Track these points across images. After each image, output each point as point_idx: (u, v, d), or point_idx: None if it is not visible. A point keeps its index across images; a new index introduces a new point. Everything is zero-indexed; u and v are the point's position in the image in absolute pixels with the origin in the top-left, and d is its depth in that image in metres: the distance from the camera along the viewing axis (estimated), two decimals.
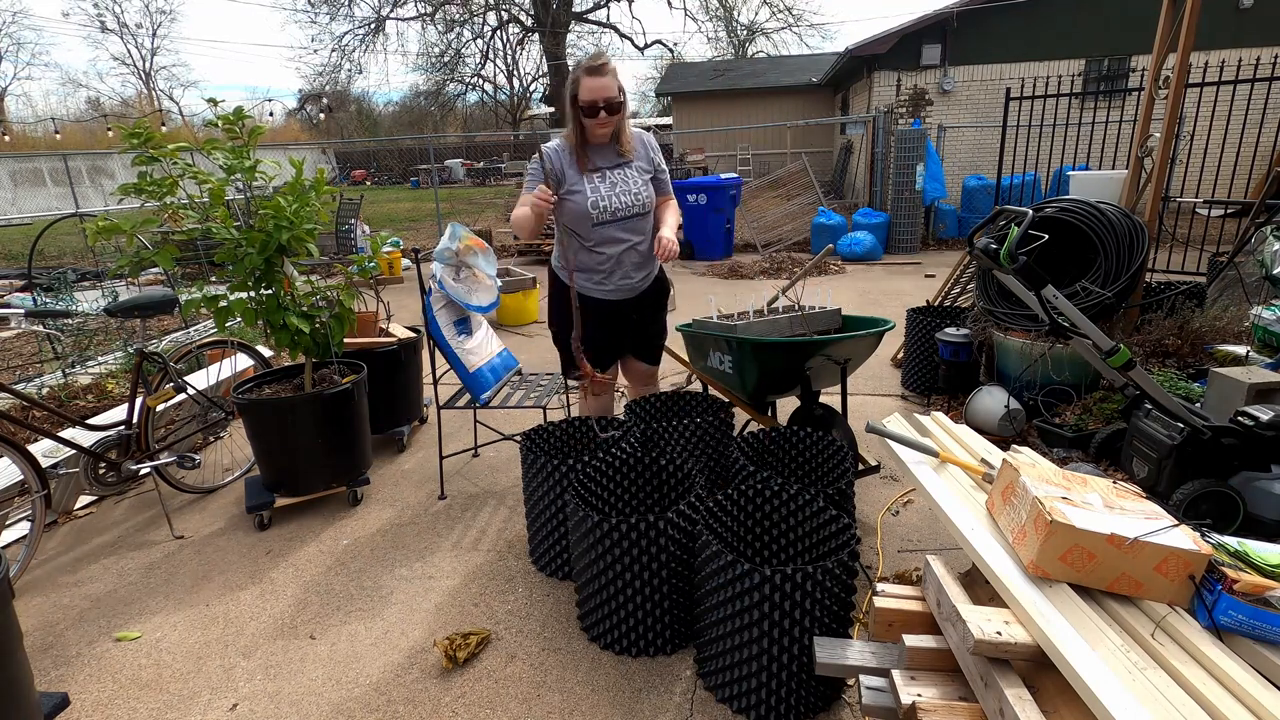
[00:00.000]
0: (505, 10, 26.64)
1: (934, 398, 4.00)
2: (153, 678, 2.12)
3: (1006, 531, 1.63)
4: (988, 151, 10.88)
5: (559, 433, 2.73)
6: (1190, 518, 2.25)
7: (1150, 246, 3.45)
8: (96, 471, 2.93)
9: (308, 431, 2.90)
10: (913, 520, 2.78)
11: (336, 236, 9.46)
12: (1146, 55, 4.77)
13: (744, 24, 27.97)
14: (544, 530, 2.47)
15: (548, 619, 2.29)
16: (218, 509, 3.18)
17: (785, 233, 9.73)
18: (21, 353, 5.79)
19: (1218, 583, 1.37)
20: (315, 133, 30.91)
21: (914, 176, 8.70)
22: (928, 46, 11.51)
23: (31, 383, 4.21)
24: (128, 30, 36.69)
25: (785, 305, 3.31)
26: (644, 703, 1.91)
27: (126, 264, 2.83)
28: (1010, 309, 3.36)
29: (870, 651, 1.68)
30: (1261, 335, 3.22)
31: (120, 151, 2.85)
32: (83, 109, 36.55)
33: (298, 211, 2.83)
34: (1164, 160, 3.57)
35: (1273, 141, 7.16)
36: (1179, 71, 3.44)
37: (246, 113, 2.86)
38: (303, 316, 2.94)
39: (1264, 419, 2.31)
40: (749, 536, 2.19)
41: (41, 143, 24.58)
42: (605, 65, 2.38)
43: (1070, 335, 2.48)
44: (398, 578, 2.56)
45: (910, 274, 7.79)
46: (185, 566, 2.71)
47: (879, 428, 2.23)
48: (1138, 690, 1.21)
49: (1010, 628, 1.40)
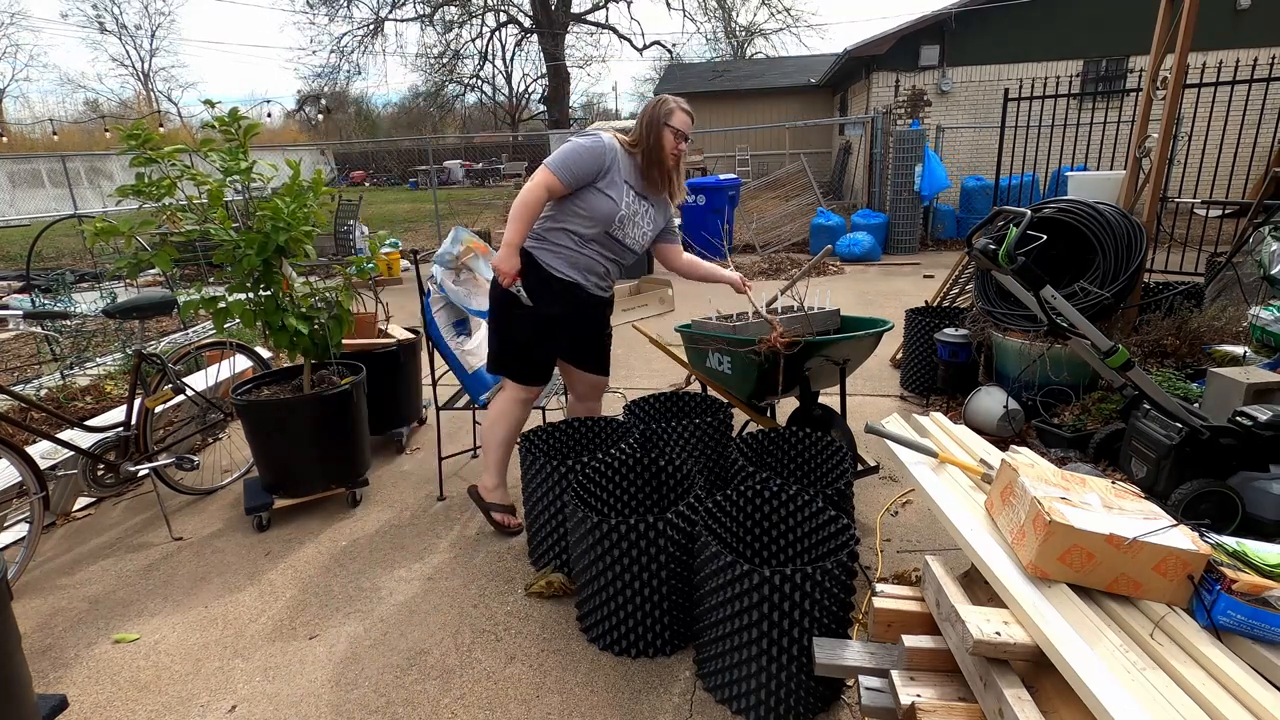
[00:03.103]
0: (504, 11, 26.66)
1: (933, 398, 4.01)
2: (151, 679, 2.11)
3: (1005, 532, 1.63)
4: (986, 152, 10.90)
5: (558, 433, 2.73)
6: (1189, 518, 2.26)
7: (1148, 247, 3.46)
8: (95, 473, 2.93)
9: (306, 433, 2.90)
10: (912, 521, 2.78)
11: (335, 238, 9.45)
12: (1145, 56, 4.77)
13: (742, 25, 27.98)
14: (543, 531, 2.47)
15: (547, 620, 2.28)
16: (216, 510, 3.17)
17: (784, 233, 9.73)
18: (20, 354, 5.79)
19: (1216, 583, 1.37)
20: (314, 134, 30.88)
21: (912, 177, 8.71)
22: (926, 47, 11.52)
23: (30, 384, 4.20)
24: (126, 31, 36.69)
25: (785, 305, 3.31)
26: (643, 704, 1.91)
27: (125, 265, 2.82)
28: (1009, 309, 3.36)
29: (869, 652, 1.68)
30: (1259, 335, 3.22)
31: (119, 153, 2.85)
32: (81, 110, 36.53)
33: (295, 213, 2.82)
34: (1162, 161, 3.57)
35: (1270, 142, 7.17)
36: (1177, 72, 3.44)
37: (243, 114, 2.86)
38: (301, 318, 2.94)
39: (1262, 419, 2.31)
40: (748, 537, 2.19)
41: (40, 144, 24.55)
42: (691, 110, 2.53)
43: (1069, 336, 2.49)
44: (397, 579, 2.56)
45: (909, 274, 7.79)
46: (184, 568, 2.71)
47: (878, 428, 2.23)
48: (1136, 690, 1.21)
49: (1009, 628, 1.40)
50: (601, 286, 2.64)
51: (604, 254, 2.56)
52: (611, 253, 2.58)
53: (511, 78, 31.15)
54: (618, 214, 2.46)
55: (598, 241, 2.52)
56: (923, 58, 11.56)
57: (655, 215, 2.61)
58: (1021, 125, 7.03)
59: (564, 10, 25.15)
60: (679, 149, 2.48)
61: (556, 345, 2.64)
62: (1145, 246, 3.22)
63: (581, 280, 2.55)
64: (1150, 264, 4.74)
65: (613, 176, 2.45)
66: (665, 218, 2.68)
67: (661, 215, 2.65)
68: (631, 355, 5.18)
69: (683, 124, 2.45)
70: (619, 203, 2.45)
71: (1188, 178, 7.03)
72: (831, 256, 8.65)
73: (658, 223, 2.63)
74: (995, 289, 3.50)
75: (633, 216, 2.52)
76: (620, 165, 2.46)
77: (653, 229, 2.62)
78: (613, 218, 2.46)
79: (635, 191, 2.50)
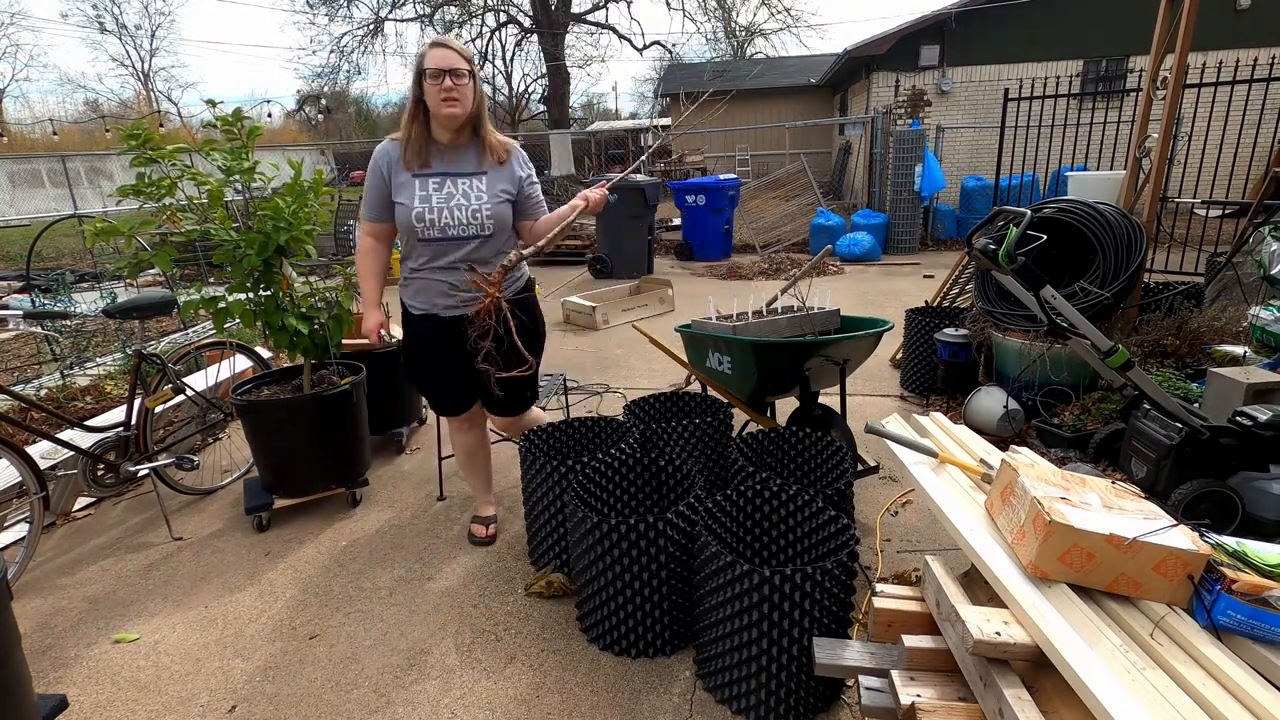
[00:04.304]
0: (504, 11, 26.65)
1: (933, 398, 4.01)
2: (151, 679, 2.11)
3: (1005, 532, 1.63)
4: (986, 152, 10.90)
5: (558, 433, 2.73)
6: (1189, 518, 2.25)
7: (1148, 247, 3.46)
8: (95, 473, 2.93)
9: (306, 433, 2.90)
10: (912, 521, 2.78)
11: (335, 238, 9.45)
12: (1145, 56, 4.77)
13: (742, 25, 27.98)
14: (543, 531, 2.47)
15: (547, 620, 2.28)
16: (216, 510, 3.17)
17: (784, 233, 9.73)
18: (20, 354, 5.79)
19: (1216, 582, 1.37)
20: (314, 134, 30.88)
21: (912, 177, 8.71)
22: (926, 47, 11.53)
23: (30, 384, 4.20)
24: (126, 31, 36.70)
25: (786, 305, 3.31)
26: (643, 704, 1.91)
27: (125, 265, 2.83)
28: (1009, 309, 3.36)
29: (869, 652, 1.68)
30: (1259, 335, 3.22)
31: (119, 153, 2.85)
32: (81, 110, 36.54)
33: (296, 213, 2.83)
34: (1162, 161, 3.57)
35: (1270, 142, 7.17)
36: (1177, 72, 3.44)
37: (245, 114, 2.86)
38: (301, 318, 2.94)
39: (1262, 419, 2.31)
40: (748, 537, 2.19)
41: (40, 144, 24.54)
42: (453, 43, 2.14)
43: (1069, 336, 2.49)
44: (396, 579, 2.56)
45: (909, 274, 7.79)
46: (184, 568, 2.71)
47: (878, 428, 2.23)
48: (1136, 690, 1.21)
49: (1009, 628, 1.40)
50: (451, 306, 2.31)
51: (434, 267, 2.27)
52: (439, 260, 2.26)
53: (511, 78, 31.12)
54: (413, 213, 2.19)
55: (423, 257, 2.27)
56: (923, 58, 11.57)
57: (485, 186, 2.23)
58: (1021, 125, 7.03)
59: (564, 10, 25.14)
60: (448, 94, 2.09)
61: (441, 384, 2.48)
62: (1145, 246, 3.22)
63: (428, 309, 2.34)
64: (1150, 264, 4.74)
65: (397, 179, 2.22)
66: (506, 185, 2.27)
67: (496, 183, 2.25)
68: (631, 355, 5.17)
69: (437, 60, 2.08)
70: (411, 201, 2.19)
71: (1188, 178, 7.03)
72: (831, 256, 8.65)
73: (495, 193, 2.24)
74: (995, 289, 3.50)
75: (446, 202, 2.19)
76: (404, 159, 2.21)
77: (489, 202, 2.22)
78: (412, 223, 2.20)
79: (438, 173, 2.20)
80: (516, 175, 2.30)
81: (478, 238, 2.25)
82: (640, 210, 8.13)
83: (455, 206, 2.20)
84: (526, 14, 26.50)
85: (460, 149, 2.25)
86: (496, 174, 2.27)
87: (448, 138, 2.22)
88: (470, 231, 2.23)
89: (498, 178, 2.26)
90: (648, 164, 15.30)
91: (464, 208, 2.21)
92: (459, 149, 2.24)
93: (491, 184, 2.25)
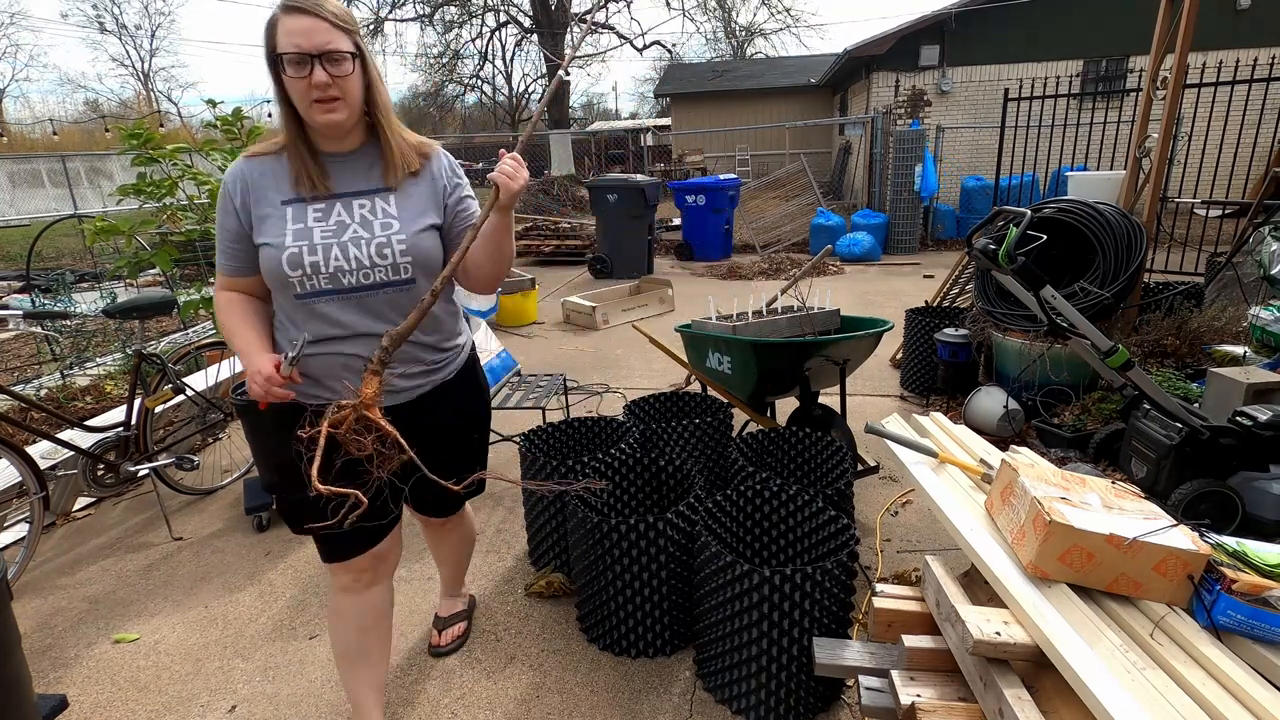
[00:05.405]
0: (504, 11, 26.66)
1: (933, 398, 4.01)
2: (151, 679, 2.11)
3: (1005, 532, 1.63)
4: (986, 152, 10.89)
5: (558, 433, 2.73)
6: (1189, 518, 2.26)
7: (1148, 247, 3.46)
8: (95, 473, 2.93)
9: None
10: (912, 521, 2.78)
11: None
12: (1145, 56, 4.77)
13: (742, 25, 28.01)
14: (543, 531, 2.47)
15: (547, 620, 2.28)
16: (216, 510, 3.17)
17: (784, 233, 9.73)
18: (20, 354, 5.79)
19: (1216, 582, 1.37)
20: None
21: (912, 177, 8.72)
22: (926, 47, 11.53)
23: (30, 384, 4.20)
24: (126, 31, 36.72)
25: (786, 305, 3.31)
26: (643, 704, 1.91)
27: (125, 265, 2.83)
28: (1009, 309, 3.36)
29: (869, 652, 1.68)
30: (1259, 335, 3.23)
31: (119, 153, 2.85)
32: (81, 110, 36.56)
33: None
34: (1162, 161, 3.57)
35: (1270, 142, 7.18)
36: (1177, 72, 3.44)
37: (245, 114, 2.86)
38: None
39: (1262, 419, 2.31)
40: (748, 537, 2.19)
41: (40, 144, 24.56)
42: (324, 4, 1.35)
43: (1069, 336, 2.49)
44: (397, 578, 2.55)
45: (909, 274, 7.79)
46: (184, 568, 2.71)
47: (878, 428, 2.23)
48: (1136, 690, 1.21)
49: (1009, 628, 1.40)
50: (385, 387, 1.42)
51: (333, 338, 1.47)
52: (335, 328, 1.47)
53: (511, 78, 31.14)
54: (284, 255, 1.41)
55: (313, 325, 1.46)
56: (923, 58, 11.56)
57: (394, 209, 1.48)
58: (1021, 125, 7.03)
59: (564, 10, 25.15)
60: (323, 92, 1.35)
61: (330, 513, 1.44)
62: (1145, 246, 3.22)
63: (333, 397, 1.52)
64: (1150, 264, 4.74)
65: (259, 210, 1.45)
66: (425, 205, 1.52)
67: (412, 203, 1.50)
68: (631, 355, 5.17)
69: (296, 37, 1.32)
70: (282, 239, 1.42)
71: (1188, 178, 7.03)
72: (831, 256, 8.65)
73: (409, 218, 1.48)
74: (995, 289, 3.50)
75: (335, 236, 1.43)
76: (263, 183, 1.46)
77: (400, 231, 1.46)
78: (283, 271, 1.41)
79: (321, 197, 1.45)
80: (439, 188, 1.55)
81: (389, 285, 1.47)
82: (640, 210, 8.13)
83: (350, 241, 1.43)
84: (526, 14, 26.50)
85: (351, 159, 1.49)
86: (411, 190, 1.51)
87: (332, 145, 1.48)
88: (376, 277, 1.45)
89: (413, 195, 1.51)
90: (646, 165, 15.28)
91: (364, 242, 1.44)
92: (349, 159, 1.49)
93: (404, 205, 1.49)
